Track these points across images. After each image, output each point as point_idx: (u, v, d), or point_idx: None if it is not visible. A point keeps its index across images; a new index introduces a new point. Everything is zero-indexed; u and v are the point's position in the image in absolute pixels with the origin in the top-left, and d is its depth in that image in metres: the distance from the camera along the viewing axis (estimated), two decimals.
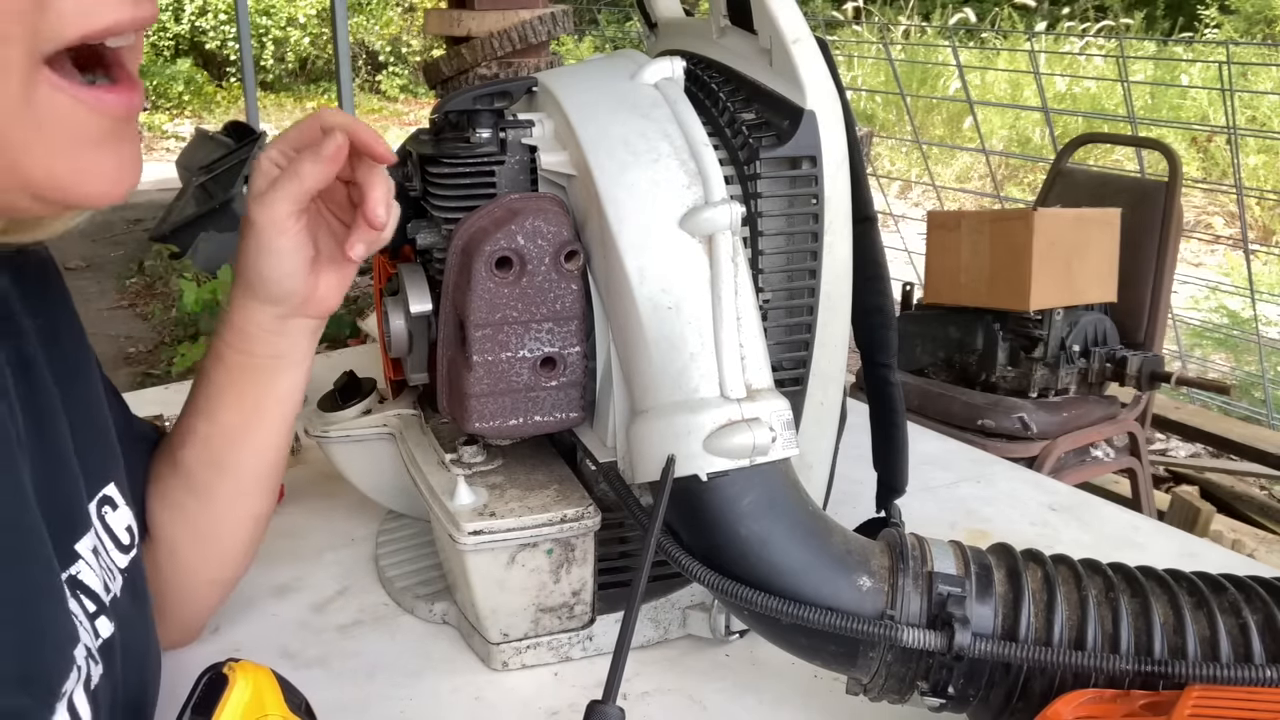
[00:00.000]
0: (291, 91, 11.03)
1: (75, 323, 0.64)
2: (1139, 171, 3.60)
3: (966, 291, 2.15)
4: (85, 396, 0.62)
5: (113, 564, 0.60)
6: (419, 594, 0.84)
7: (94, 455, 0.61)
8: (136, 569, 0.63)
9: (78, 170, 0.48)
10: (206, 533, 0.72)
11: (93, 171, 0.49)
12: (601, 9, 8.81)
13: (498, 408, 0.71)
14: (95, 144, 0.48)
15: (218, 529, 0.73)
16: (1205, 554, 0.96)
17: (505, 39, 2.98)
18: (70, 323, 0.64)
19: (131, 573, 0.62)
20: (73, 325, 0.64)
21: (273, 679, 0.53)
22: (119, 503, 0.63)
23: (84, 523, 0.57)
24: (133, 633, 0.59)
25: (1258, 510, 2.77)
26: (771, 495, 0.64)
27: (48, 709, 0.48)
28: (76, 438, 0.59)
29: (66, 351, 0.61)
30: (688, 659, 0.79)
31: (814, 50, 0.71)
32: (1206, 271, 5.30)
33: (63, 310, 0.63)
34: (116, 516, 0.62)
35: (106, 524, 0.61)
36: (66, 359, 0.61)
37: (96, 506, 0.60)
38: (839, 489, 0.82)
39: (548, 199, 0.71)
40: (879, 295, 0.79)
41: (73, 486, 0.57)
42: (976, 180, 6.45)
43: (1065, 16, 8.17)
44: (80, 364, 0.63)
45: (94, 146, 0.48)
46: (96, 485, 0.61)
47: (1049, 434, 2.09)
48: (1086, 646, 0.59)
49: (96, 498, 0.61)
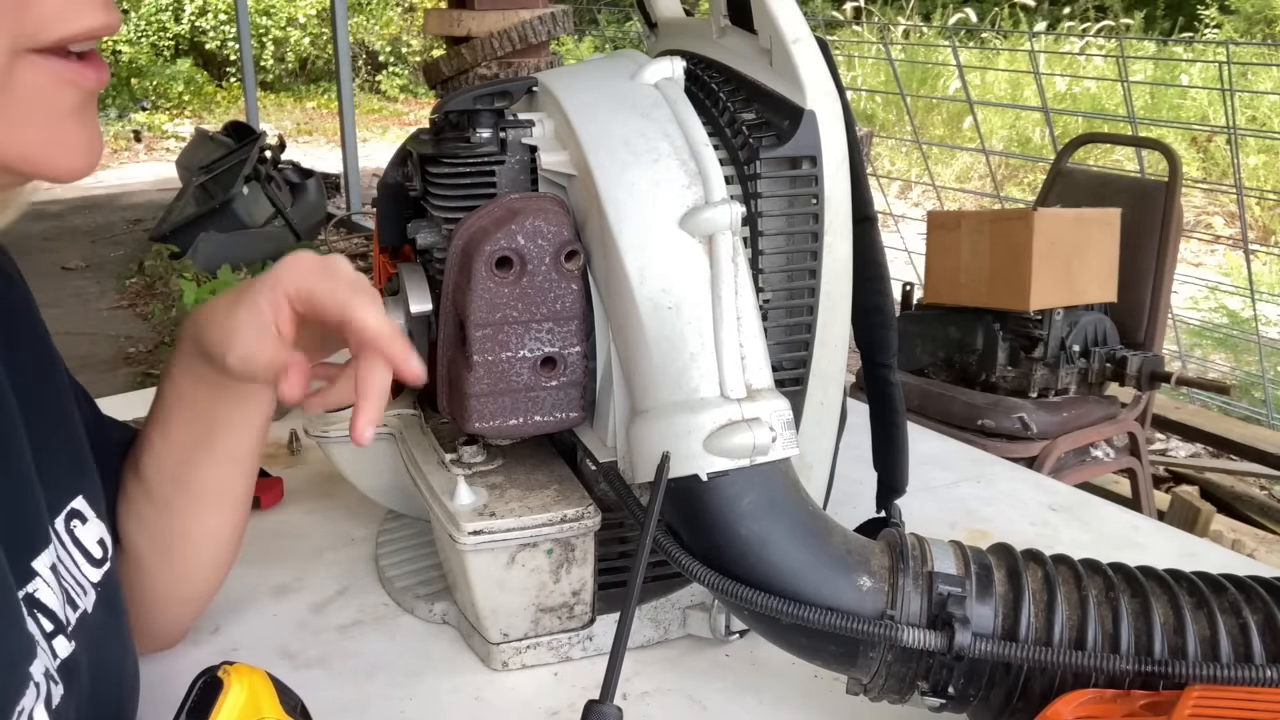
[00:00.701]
0: (291, 91, 11.03)
1: (38, 330, 0.63)
2: (1139, 171, 3.60)
3: (966, 291, 2.15)
4: (49, 406, 0.61)
5: (81, 579, 0.58)
6: (419, 594, 0.84)
7: (59, 467, 0.59)
8: (110, 582, 0.61)
9: (51, 142, 0.49)
10: (167, 546, 0.70)
11: (65, 143, 0.50)
12: (601, 9, 8.81)
13: (498, 408, 0.71)
14: (69, 115, 0.49)
15: (179, 544, 0.71)
16: (1205, 554, 0.96)
17: (505, 39, 2.98)
18: (32, 330, 0.62)
19: (105, 586, 0.60)
20: (35, 332, 0.62)
21: (268, 681, 0.52)
22: (89, 516, 0.61)
23: (43, 539, 0.55)
24: (106, 649, 0.58)
25: (1258, 510, 2.77)
26: (771, 495, 0.64)
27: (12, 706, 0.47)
28: (40, 451, 0.57)
29: (27, 360, 0.60)
30: (688, 659, 0.79)
31: (814, 50, 0.71)
32: (1206, 271, 5.30)
33: (24, 317, 0.62)
34: (86, 530, 0.60)
35: (75, 538, 0.59)
36: (27, 368, 0.59)
37: (64, 520, 0.59)
38: (839, 489, 0.82)
39: (548, 199, 0.71)
40: (879, 295, 0.79)
41: (29, 502, 0.55)
42: (976, 180, 6.45)
43: (1065, 16, 8.17)
44: (43, 371, 0.61)
45: (67, 118, 0.49)
46: (63, 499, 0.59)
47: (1049, 434, 2.09)
48: (1087, 646, 0.59)
49: (63, 512, 0.59)
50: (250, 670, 0.52)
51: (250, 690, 0.51)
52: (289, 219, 5.30)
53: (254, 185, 5.27)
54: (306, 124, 9.72)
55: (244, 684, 0.51)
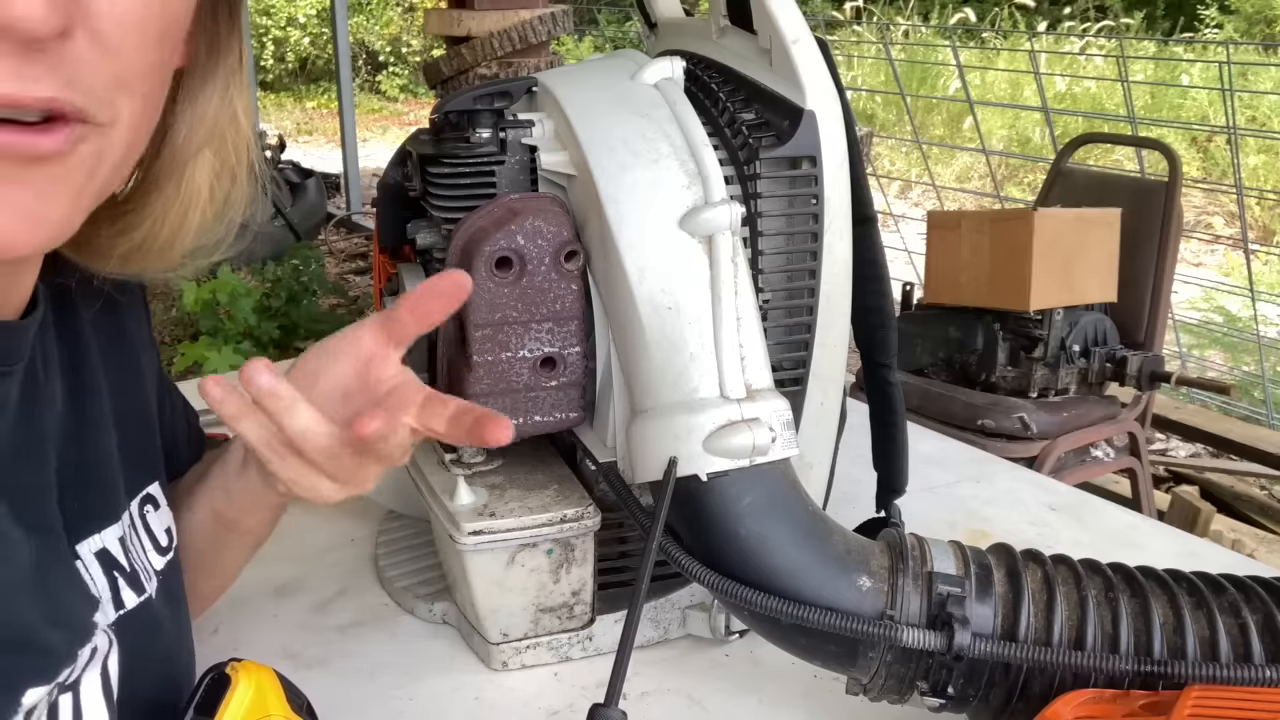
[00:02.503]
0: (291, 91, 11.03)
1: (143, 335, 0.64)
2: (1139, 171, 3.59)
3: (966, 291, 2.15)
4: (136, 398, 0.62)
5: (147, 564, 0.59)
6: (419, 594, 0.84)
7: (139, 454, 0.61)
8: (173, 572, 0.62)
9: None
10: None
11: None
12: (601, 9, 8.81)
13: (498, 408, 0.71)
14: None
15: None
16: (1205, 554, 0.96)
17: (505, 39, 2.98)
18: (137, 334, 0.64)
19: (167, 575, 0.61)
20: (139, 337, 0.64)
21: (275, 679, 0.53)
22: (161, 502, 0.62)
23: (114, 513, 0.56)
24: (162, 636, 0.59)
25: (1258, 510, 2.77)
26: (771, 495, 0.64)
27: (69, 656, 0.48)
28: (124, 435, 0.58)
29: (124, 356, 0.61)
30: (688, 659, 0.79)
31: (814, 50, 0.71)
32: (1206, 271, 5.30)
33: (131, 321, 0.63)
34: (157, 516, 0.61)
35: (146, 522, 0.60)
36: (121, 358, 0.61)
37: (139, 504, 0.60)
38: (839, 489, 0.82)
39: (548, 199, 0.71)
40: (879, 295, 0.79)
41: (109, 476, 0.57)
42: (976, 180, 6.45)
43: (1065, 16, 8.16)
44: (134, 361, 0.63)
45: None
46: (141, 482, 0.61)
47: (1049, 434, 2.09)
48: (1086, 646, 0.59)
49: (139, 495, 0.60)
50: (258, 667, 0.52)
51: (258, 687, 0.51)
52: (289, 219, 5.29)
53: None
54: (306, 124, 9.72)
55: (251, 681, 0.51)
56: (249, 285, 3.93)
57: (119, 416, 0.59)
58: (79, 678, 0.50)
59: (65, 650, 0.48)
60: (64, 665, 0.48)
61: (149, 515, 0.61)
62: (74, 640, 0.49)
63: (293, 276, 3.93)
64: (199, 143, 0.54)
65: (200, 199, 0.55)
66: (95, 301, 0.58)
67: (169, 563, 0.62)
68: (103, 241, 0.54)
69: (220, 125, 0.55)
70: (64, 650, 0.48)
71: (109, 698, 0.52)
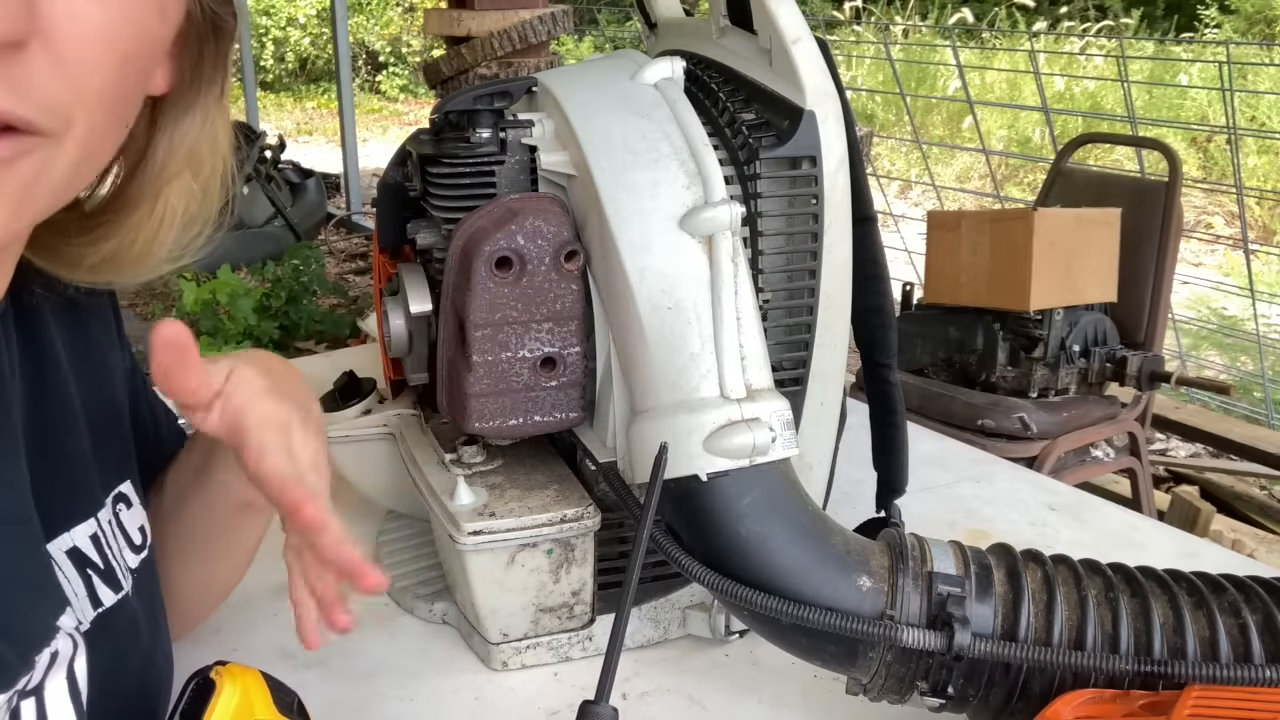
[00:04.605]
0: (291, 91, 11.02)
1: (110, 336, 0.64)
2: (1139, 171, 3.59)
3: (966, 291, 2.15)
4: (104, 397, 0.62)
5: (121, 562, 0.59)
6: (419, 594, 0.84)
7: (111, 451, 0.61)
8: (148, 570, 0.62)
9: None
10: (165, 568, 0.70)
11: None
12: (601, 9, 8.81)
13: (498, 408, 0.71)
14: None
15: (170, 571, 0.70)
16: (1205, 554, 0.96)
17: (505, 39, 2.98)
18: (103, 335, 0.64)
19: (142, 573, 0.61)
20: (106, 337, 0.64)
21: (261, 681, 0.52)
22: (133, 501, 0.62)
23: (84, 511, 0.57)
24: (135, 635, 0.59)
25: (1258, 510, 2.77)
26: (771, 495, 0.64)
27: (24, 664, 0.48)
28: (94, 431, 0.59)
29: (92, 347, 0.61)
30: (688, 659, 0.79)
31: (814, 50, 0.71)
32: (1206, 271, 5.30)
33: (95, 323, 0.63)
34: (130, 515, 0.62)
35: (120, 521, 0.60)
36: (92, 353, 0.61)
37: (112, 501, 0.60)
38: (839, 489, 0.82)
39: (548, 199, 0.71)
40: (879, 295, 0.79)
41: (77, 473, 0.57)
42: (976, 180, 6.45)
43: (1064, 16, 8.16)
44: (104, 357, 0.63)
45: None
46: (113, 480, 0.61)
47: (1049, 434, 2.09)
48: (1086, 646, 0.59)
49: (113, 492, 0.60)
50: (243, 670, 0.51)
51: (243, 691, 0.50)
52: (289, 219, 5.29)
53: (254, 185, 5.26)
54: (306, 124, 9.71)
55: (236, 685, 0.50)
56: (249, 285, 3.94)
57: (88, 415, 0.59)
58: (41, 682, 0.49)
59: (18, 657, 0.48)
60: (19, 673, 0.47)
61: (122, 513, 0.61)
62: (28, 647, 0.48)
63: (293, 276, 3.93)
64: (177, 168, 0.55)
65: (174, 217, 0.56)
66: (58, 303, 0.58)
67: (144, 560, 0.62)
68: (73, 250, 0.54)
69: (200, 151, 0.56)
70: (16, 658, 0.48)
71: (76, 701, 0.51)
